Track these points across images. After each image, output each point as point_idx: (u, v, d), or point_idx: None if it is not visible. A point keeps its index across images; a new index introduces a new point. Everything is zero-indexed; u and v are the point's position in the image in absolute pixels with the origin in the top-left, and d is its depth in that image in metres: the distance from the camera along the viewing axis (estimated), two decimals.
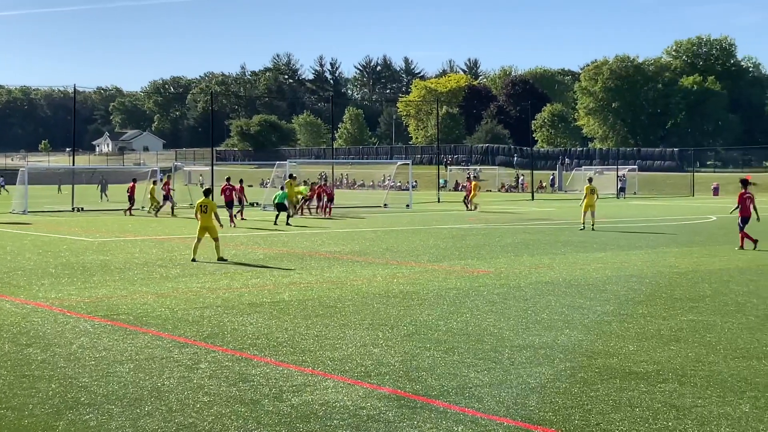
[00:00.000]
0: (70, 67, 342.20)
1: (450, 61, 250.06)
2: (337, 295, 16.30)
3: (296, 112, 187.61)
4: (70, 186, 57.90)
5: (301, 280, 18.50)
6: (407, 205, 47.68)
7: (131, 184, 46.89)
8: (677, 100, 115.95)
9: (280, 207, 37.78)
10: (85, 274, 19.53)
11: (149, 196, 46.36)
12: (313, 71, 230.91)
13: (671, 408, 8.64)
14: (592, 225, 32.50)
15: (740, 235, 25.31)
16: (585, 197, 33.18)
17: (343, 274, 19.46)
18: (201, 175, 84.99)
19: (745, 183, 26.58)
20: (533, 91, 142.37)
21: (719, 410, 8.56)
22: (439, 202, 60.64)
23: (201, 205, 22.96)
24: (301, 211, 44.55)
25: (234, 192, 39.25)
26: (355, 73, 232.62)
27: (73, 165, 69.92)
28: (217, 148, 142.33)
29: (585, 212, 32.81)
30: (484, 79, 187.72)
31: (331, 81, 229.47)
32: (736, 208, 25.60)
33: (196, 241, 22.70)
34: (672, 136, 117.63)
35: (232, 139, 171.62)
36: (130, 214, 44.61)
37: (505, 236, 30.18)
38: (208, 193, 23.88)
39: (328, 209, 43.94)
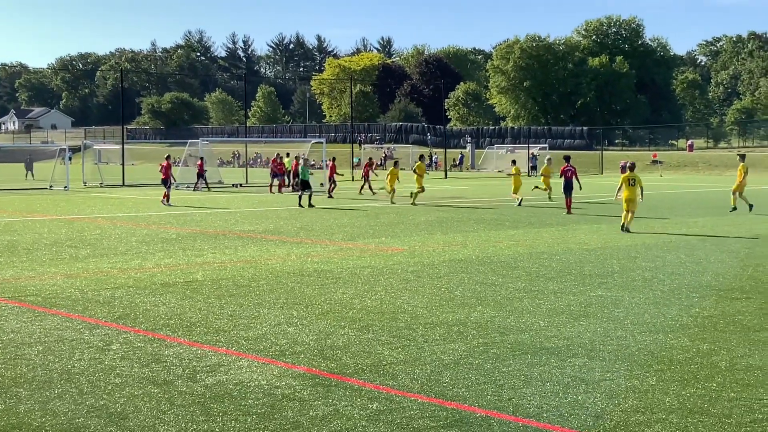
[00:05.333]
0: None
1: (363, 40, 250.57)
2: (251, 274, 16.21)
3: (209, 90, 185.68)
4: None
5: (215, 259, 18.35)
6: (321, 184, 47.46)
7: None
8: (587, 80, 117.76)
9: (304, 185, 34.73)
10: None
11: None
12: (226, 49, 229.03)
13: (581, 382, 8.82)
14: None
15: (566, 201, 30.95)
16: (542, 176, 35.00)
17: (257, 253, 19.35)
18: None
19: (567, 158, 32.44)
20: (446, 70, 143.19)
21: (627, 383, 8.77)
22: (353, 180, 60.64)
23: None
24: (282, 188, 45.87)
25: (169, 169, 38.33)
26: (268, 50, 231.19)
27: None
28: (128, 126, 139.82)
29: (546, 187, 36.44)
30: (398, 58, 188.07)
31: (244, 59, 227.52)
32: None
33: None
34: (582, 115, 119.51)
35: (143, 117, 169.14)
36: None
37: (419, 215, 30.35)
38: None
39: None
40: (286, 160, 50.67)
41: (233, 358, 9.81)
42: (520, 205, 34.46)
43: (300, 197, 34.76)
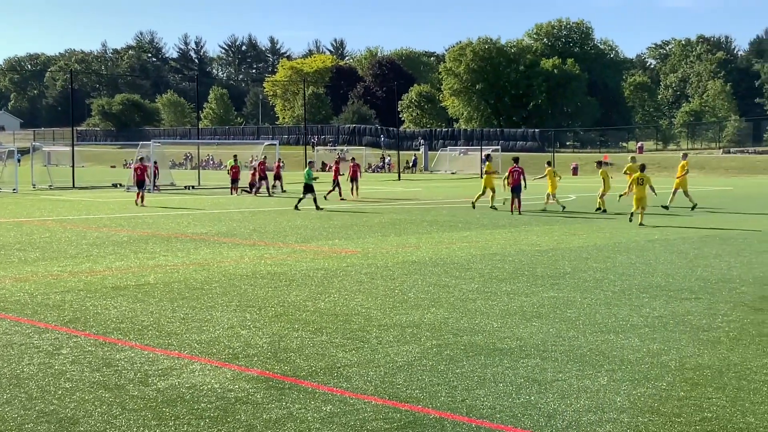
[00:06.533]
0: None
1: (316, 41, 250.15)
2: (203, 277, 16.11)
3: (160, 92, 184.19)
4: None
5: (167, 262, 18.21)
6: (273, 186, 47.36)
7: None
8: (538, 82, 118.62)
9: (306, 188, 34.47)
10: None
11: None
12: (178, 50, 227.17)
13: (533, 382, 8.88)
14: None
15: (511, 202, 31.41)
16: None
17: (209, 256, 19.24)
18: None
19: (516, 160, 33.03)
20: (399, 72, 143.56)
21: (579, 383, 8.84)
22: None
23: None
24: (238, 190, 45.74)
25: (144, 171, 39.08)
26: (220, 52, 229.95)
27: None
28: (78, 128, 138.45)
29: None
30: (351, 60, 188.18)
31: (196, 60, 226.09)
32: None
33: None
34: (534, 117, 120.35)
35: (94, 118, 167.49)
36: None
37: (372, 216, 30.37)
38: None
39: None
40: (229, 161, 50.89)
41: (186, 362, 9.74)
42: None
43: (300, 200, 34.50)
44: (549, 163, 35.80)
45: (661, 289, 14.58)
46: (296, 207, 33.87)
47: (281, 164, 50.92)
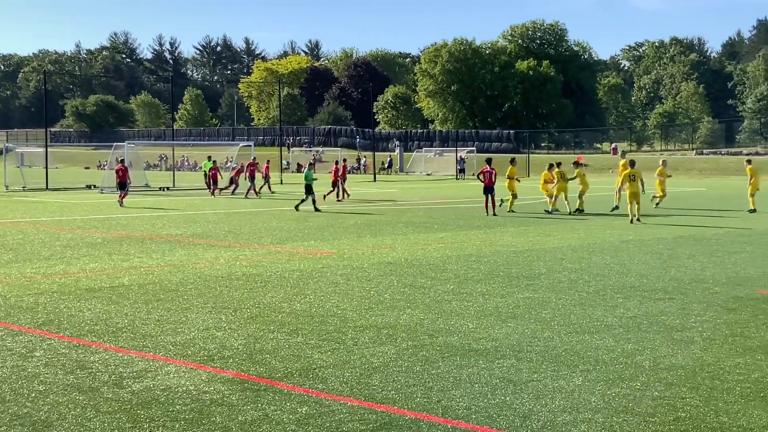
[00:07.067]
0: None
1: (291, 43, 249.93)
2: (178, 278, 16.04)
3: (134, 93, 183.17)
4: None
5: (142, 264, 18.12)
6: (260, 188, 47.30)
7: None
8: (514, 83, 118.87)
9: (308, 189, 34.06)
10: None
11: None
12: (152, 51, 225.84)
13: (509, 383, 8.90)
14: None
15: (486, 202, 30.93)
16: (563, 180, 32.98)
17: (184, 257, 19.16)
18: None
19: (489, 161, 32.54)
20: (375, 73, 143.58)
21: (554, 384, 8.87)
22: (282, 183, 60.46)
23: None
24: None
25: (126, 173, 39.32)
26: (195, 53, 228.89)
27: None
28: (52, 129, 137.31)
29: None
30: (326, 61, 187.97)
31: (171, 61, 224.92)
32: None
33: None
34: (509, 118, 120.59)
35: (68, 119, 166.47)
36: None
37: (348, 218, 30.36)
38: None
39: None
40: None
41: (160, 364, 9.70)
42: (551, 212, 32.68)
43: (302, 201, 34.23)
44: (576, 164, 34.98)
45: (635, 290, 14.66)
46: (297, 208, 33.78)
47: (268, 165, 50.78)
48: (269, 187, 48.58)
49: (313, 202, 34.08)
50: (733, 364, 9.69)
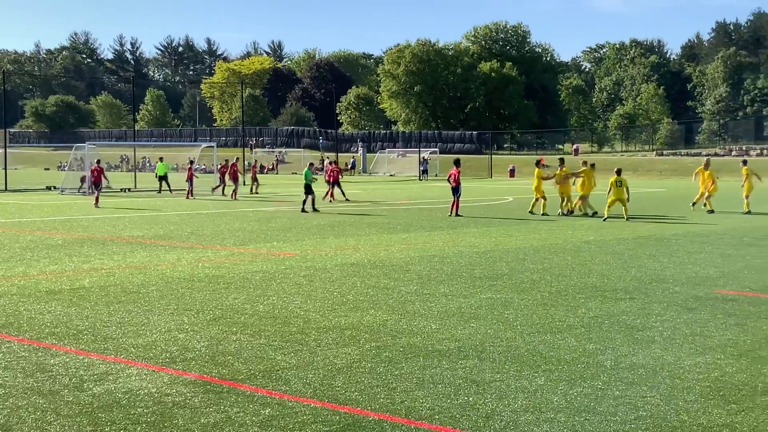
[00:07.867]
0: None
1: (254, 43, 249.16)
2: (140, 280, 15.93)
3: (95, 93, 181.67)
4: None
5: (103, 265, 17.97)
6: (213, 189, 47.05)
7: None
8: (476, 84, 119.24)
9: (308, 189, 33.89)
10: None
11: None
12: (113, 51, 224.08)
13: (472, 383, 8.93)
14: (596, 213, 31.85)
15: (453, 203, 31.24)
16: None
17: (146, 259, 19.03)
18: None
19: (457, 162, 32.68)
20: (338, 74, 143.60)
21: (516, 384, 8.92)
22: (244, 184, 60.20)
23: None
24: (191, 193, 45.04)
25: (101, 173, 39.93)
26: (157, 53, 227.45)
27: None
28: (11, 130, 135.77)
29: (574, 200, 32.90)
30: (289, 62, 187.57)
31: (132, 61, 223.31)
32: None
33: None
34: (471, 119, 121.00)
35: (27, 120, 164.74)
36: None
37: (311, 219, 30.31)
38: None
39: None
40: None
41: (122, 366, 9.62)
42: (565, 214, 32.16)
43: (304, 202, 33.99)
44: (585, 163, 34.58)
45: (597, 290, 14.77)
46: (303, 210, 33.57)
47: (257, 166, 50.75)
48: (253, 189, 48.67)
49: (313, 202, 34.00)
50: (693, 363, 9.80)
